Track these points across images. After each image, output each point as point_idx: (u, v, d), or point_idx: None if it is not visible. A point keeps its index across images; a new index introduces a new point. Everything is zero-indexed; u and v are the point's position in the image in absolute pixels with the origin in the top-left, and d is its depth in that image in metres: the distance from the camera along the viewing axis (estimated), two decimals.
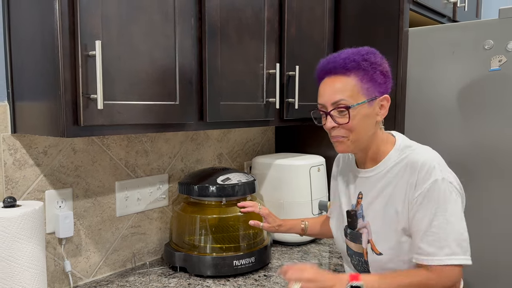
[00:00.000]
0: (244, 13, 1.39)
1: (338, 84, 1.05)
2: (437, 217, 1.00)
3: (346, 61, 1.04)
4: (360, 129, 1.06)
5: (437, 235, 1.00)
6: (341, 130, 1.07)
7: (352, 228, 1.15)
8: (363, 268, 1.14)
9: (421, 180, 1.02)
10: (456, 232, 1.00)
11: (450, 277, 1.00)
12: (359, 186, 1.15)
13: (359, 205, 1.14)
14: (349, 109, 1.04)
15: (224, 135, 1.84)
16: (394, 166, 1.08)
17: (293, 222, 1.42)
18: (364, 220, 1.12)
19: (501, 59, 1.43)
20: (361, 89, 1.05)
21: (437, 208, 1.00)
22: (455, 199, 1.01)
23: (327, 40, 1.79)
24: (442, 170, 1.02)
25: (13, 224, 0.98)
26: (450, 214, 1.00)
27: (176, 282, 1.37)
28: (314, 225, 1.41)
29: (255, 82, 1.45)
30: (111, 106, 1.03)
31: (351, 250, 1.17)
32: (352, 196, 1.17)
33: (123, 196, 1.46)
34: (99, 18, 1.00)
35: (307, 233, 1.42)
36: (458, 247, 0.99)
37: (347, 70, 1.05)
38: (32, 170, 1.23)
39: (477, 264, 1.51)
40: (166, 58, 1.16)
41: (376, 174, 1.10)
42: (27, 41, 1.08)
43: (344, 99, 1.04)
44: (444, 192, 1.00)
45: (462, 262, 1.00)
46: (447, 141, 1.56)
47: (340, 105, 1.05)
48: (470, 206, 1.52)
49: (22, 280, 1.00)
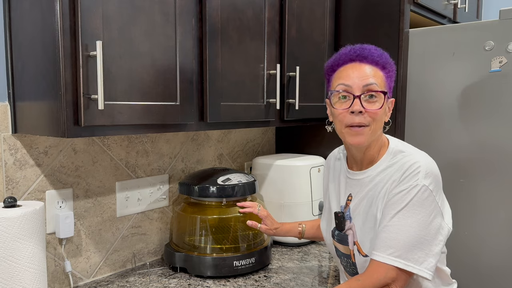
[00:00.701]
0: (245, 14, 1.39)
1: (370, 70, 1.04)
2: (398, 217, 0.98)
3: (382, 55, 1.06)
4: (381, 121, 1.06)
5: (389, 234, 0.98)
6: (366, 117, 1.02)
7: (339, 230, 1.15)
8: (351, 269, 1.14)
9: (403, 181, 1.00)
10: (412, 238, 0.96)
11: (380, 276, 0.96)
12: (349, 188, 1.14)
13: (347, 207, 1.13)
14: (385, 94, 1.03)
15: (225, 135, 1.84)
16: (384, 170, 1.06)
17: (290, 225, 1.42)
18: (351, 221, 1.11)
19: (501, 60, 1.43)
20: (386, 84, 1.06)
21: (403, 210, 0.98)
22: (428, 209, 0.98)
23: (327, 41, 1.79)
24: (427, 177, 0.99)
25: (14, 224, 0.98)
26: (415, 221, 0.97)
27: (176, 282, 1.37)
28: (311, 228, 1.41)
29: (256, 83, 1.46)
30: (112, 107, 1.03)
31: (339, 251, 1.17)
32: (342, 198, 1.16)
33: (123, 197, 1.46)
34: (100, 19, 1.00)
35: (305, 236, 1.41)
36: (408, 253, 0.96)
37: (380, 63, 1.05)
38: (33, 170, 1.23)
39: (476, 265, 1.51)
40: (167, 59, 1.16)
41: (367, 177, 1.09)
42: (28, 41, 1.08)
43: (376, 84, 1.03)
44: (419, 199, 0.98)
45: (406, 268, 0.96)
46: (447, 142, 1.56)
47: (373, 89, 1.02)
48: (471, 207, 1.52)
49: (23, 280, 1.00)
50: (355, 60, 1.05)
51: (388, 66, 1.07)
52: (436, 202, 1.00)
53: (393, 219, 0.99)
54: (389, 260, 0.97)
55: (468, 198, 1.52)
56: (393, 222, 0.99)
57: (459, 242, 1.53)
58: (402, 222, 0.98)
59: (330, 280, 1.40)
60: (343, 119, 1.04)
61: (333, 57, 1.11)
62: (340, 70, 1.07)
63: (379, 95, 1.03)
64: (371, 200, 1.06)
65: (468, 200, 1.52)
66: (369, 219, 1.06)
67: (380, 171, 1.07)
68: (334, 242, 1.18)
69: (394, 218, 0.99)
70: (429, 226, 0.98)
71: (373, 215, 1.05)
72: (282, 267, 1.51)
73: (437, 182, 1.01)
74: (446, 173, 1.55)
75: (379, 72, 1.05)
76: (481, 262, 1.50)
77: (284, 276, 1.43)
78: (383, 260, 0.97)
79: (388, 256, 0.97)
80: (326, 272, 1.47)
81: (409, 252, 0.96)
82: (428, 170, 1.01)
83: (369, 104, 1.02)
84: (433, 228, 0.98)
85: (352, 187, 1.13)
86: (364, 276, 0.99)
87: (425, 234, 0.97)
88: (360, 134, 1.03)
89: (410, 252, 0.96)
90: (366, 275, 0.99)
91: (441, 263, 1.10)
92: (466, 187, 1.52)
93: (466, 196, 1.52)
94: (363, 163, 1.11)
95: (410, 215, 0.98)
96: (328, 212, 1.22)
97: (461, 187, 1.53)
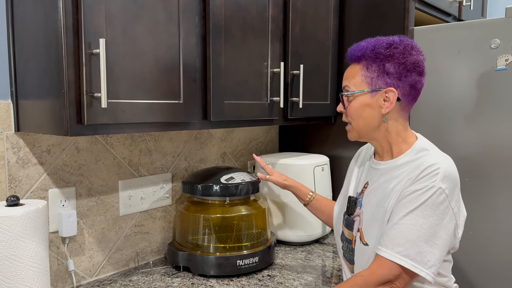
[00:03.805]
0: (249, 12, 1.38)
1: (349, 70, 1.11)
2: (410, 216, 0.97)
3: (357, 49, 1.09)
4: (359, 118, 1.09)
5: (399, 232, 0.97)
6: (347, 116, 1.12)
7: (348, 214, 1.15)
8: (349, 255, 1.14)
9: (420, 180, 0.99)
10: (421, 240, 0.95)
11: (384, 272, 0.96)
12: (368, 176, 1.15)
13: (362, 194, 1.14)
14: (348, 96, 1.10)
15: (228, 134, 1.84)
16: (404, 164, 1.05)
17: (303, 186, 1.42)
18: (361, 208, 1.12)
19: (507, 58, 1.42)
20: (365, 78, 1.07)
21: (416, 210, 0.97)
22: (441, 213, 0.97)
23: (331, 39, 1.78)
24: (445, 181, 0.98)
25: (16, 223, 0.98)
26: (426, 223, 0.96)
27: (180, 281, 1.37)
28: (319, 201, 1.40)
29: (259, 81, 1.45)
30: (115, 105, 1.03)
31: (344, 236, 1.17)
32: (361, 184, 1.16)
33: (126, 195, 1.45)
34: (103, 16, 0.99)
35: (310, 205, 1.40)
36: (417, 254, 0.95)
37: (356, 58, 1.09)
38: (36, 168, 1.22)
39: (481, 265, 1.49)
40: (170, 57, 1.16)
41: (386, 168, 1.09)
42: (31, 39, 1.08)
43: (348, 86, 1.10)
44: (433, 201, 0.96)
45: (411, 268, 0.95)
46: (452, 141, 1.55)
47: (345, 91, 1.11)
48: (476, 207, 1.51)
49: (25, 279, 1.00)
50: (348, 61, 1.13)
51: (364, 57, 1.07)
52: (451, 208, 0.98)
53: (405, 217, 0.97)
54: (396, 259, 0.96)
55: (472, 197, 1.51)
56: (404, 220, 0.97)
57: (464, 242, 1.52)
58: (414, 221, 0.97)
59: (333, 280, 1.39)
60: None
61: None
62: None
63: (349, 96, 1.10)
64: (384, 191, 1.06)
65: (473, 199, 1.51)
66: (378, 210, 1.06)
67: (400, 164, 1.06)
68: (343, 226, 1.18)
69: (407, 217, 0.97)
70: (440, 230, 0.96)
71: (383, 206, 1.04)
72: (285, 266, 1.51)
73: (454, 187, 0.99)
74: None
75: (357, 69, 1.08)
76: (486, 262, 1.49)
77: (288, 275, 1.42)
78: (390, 257, 0.97)
79: (395, 254, 0.96)
80: (330, 271, 1.46)
81: (418, 253, 0.95)
82: (447, 173, 0.99)
83: (345, 104, 1.11)
84: (445, 232, 0.97)
85: (371, 175, 1.13)
86: (367, 271, 0.99)
87: (436, 238, 0.96)
88: (349, 131, 1.14)
89: (419, 254, 0.95)
90: (370, 271, 0.98)
91: (445, 270, 1.08)
92: (471, 186, 1.51)
93: (471, 195, 1.51)
94: (383, 155, 1.12)
95: (422, 216, 0.96)
96: (344, 197, 1.23)
97: (466, 187, 1.51)
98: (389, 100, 1.05)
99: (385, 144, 1.10)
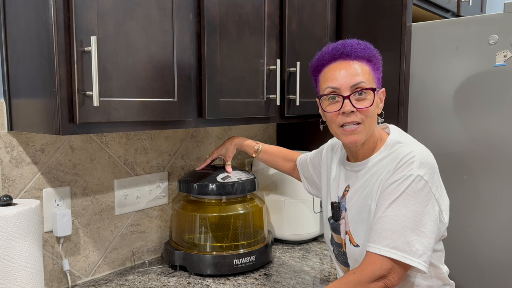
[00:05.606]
0: (244, 8, 1.36)
1: (356, 67, 1.02)
2: (392, 207, 0.96)
3: (366, 48, 1.04)
4: (373, 117, 1.05)
5: (384, 225, 0.96)
6: (358, 115, 1.02)
7: (335, 220, 1.14)
8: (342, 258, 1.14)
9: (397, 170, 0.98)
10: (407, 229, 0.94)
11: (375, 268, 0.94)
12: (348, 180, 1.13)
13: (344, 197, 1.13)
14: (374, 91, 1.03)
15: (225, 132, 1.82)
16: (380, 161, 1.05)
17: (246, 140, 1.51)
18: (346, 211, 1.11)
19: (506, 54, 1.40)
20: (374, 77, 1.05)
21: (398, 200, 0.96)
22: (423, 200, 0.95)
23: (328, 35, 1.76)
24: (422, 167, 0.97)
25: (9, 223, 0.97)
26: (409, 211, 0.95)
27: (176, 281, 1.36)
28: (267, 152, 1.49)
29: (255, 79, 1.43)
30: (107, 103, 1.02)
31: (333, 240, 1.17)
32: (341, 188, 1.15)
33: (122, 194, 1.44)
34: (95, 13, 0.98)
35: (259, 158, 1.50)
36: (405, 245, 0.94)
37: (365, 57, 1.04)
38: (29, 168, 1.21)
39: (479, 262, 1.48)
40: (164, 54, 1.14)
41: (364, 168, 1.08)
42: (23, 37, 1.06)
43: (364, 82, 1.02)
44: (413, 189, 0.95)
45: (402, 259, 0.93)
46: (450, 137, 1.53)
47: (362, 87, 1.01)
48: (474, 204, 1.50)
49: (19, 279, 0.99)
50: (338, 58, 1.04)
51: (373, 58, 1.05)
52: (432, 194, 0.97)
53: (388, 209, 0.97)
54: (385, 252, 0.95)
55: (471, 195, 1.50)
56: (387, 212, 0.96)
57: (462, 239, 1.51)
58: (397, 212, 0.96)
59: (331, 279, 1.38)
60: (335, 120, 1.05)
61: (316, 56, 1.10)
62: (326, 71, 1.06)
63: (369, 92, 1.02)
64: (367, 191, 1.05)
65: (471, 196, 1.50)
66: (363, 209, 1.05)
67: (376, 162, 1.06)
68: (330, 230, 1.18)
69: (389, 208, 0.97)
70: (425, 217, 0.95)
71: (368, 205, 1.04)
72: (282, 265, 1.50)
73: (432, 173, 0.99)
74: (449, 169, 1.52)
75: (365, 67, 1.04)
76: (484, 259, 1.48)
77: (285, 274, 1.41)
78: (379, 252, 0.95)
79: (384, 247, 0.95)
80: (327, 270, 1.45)
81: (406, 243, 0.94)
82: (422, 160, 0.98)
83: (359, 102, 1.02)
84: (430, 219, 0.96)
85: (350, 178, 1.12)
86: (359, 268, 0.98)
87: (421, 225, 0.95)
88: (354, 133, 1.03)
89: (407, 244, 0.94)
90: (362, 268, 0.97)
91: (438, 261, 1.08)
92: (469, 183, 1.50)
93: (469, 192, 1.50)
94: (358, 156, 1.11)
95: (404, 205, 0.95)
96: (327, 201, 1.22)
97: (464, 183, 1.50)
98: (382, 100, 1.09)
99: (371, 142, 1.08)
